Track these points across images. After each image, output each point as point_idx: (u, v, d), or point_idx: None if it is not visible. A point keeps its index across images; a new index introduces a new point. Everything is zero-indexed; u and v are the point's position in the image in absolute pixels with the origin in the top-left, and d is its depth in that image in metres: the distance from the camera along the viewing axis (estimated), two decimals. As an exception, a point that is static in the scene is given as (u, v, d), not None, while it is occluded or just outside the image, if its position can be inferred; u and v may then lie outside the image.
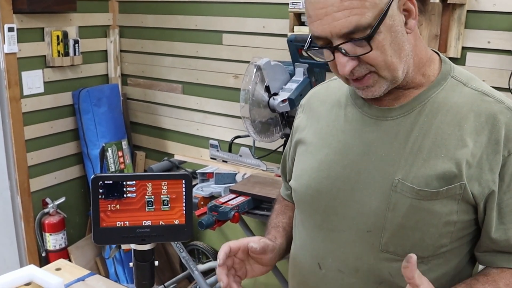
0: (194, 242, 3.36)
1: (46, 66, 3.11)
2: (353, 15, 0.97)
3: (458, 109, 1.08)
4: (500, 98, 1.09)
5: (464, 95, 1.09)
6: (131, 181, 1.10)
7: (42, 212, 3.16)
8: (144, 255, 1.16)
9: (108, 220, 1.10)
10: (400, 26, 1.02)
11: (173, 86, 3.35)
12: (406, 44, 1.04)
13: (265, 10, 2.83)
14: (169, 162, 3.01)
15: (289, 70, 2.54)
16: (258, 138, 2.53)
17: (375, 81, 1.05)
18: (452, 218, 1.06)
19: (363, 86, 1.07)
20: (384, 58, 1.01)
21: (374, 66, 1.03)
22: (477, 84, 1.12)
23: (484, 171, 1.04)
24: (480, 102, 1.08)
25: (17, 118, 2.97)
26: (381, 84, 1.06)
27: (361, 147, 1.13)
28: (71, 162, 3.39)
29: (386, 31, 1.00)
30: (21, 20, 2.91)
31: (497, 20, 2.22)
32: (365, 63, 1.03)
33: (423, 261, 1.09)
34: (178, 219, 1.12)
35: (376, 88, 1.06)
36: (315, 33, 1.02)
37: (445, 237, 1.07)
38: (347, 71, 1.02)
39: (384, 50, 1.01)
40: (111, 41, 3.48)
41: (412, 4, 1.03)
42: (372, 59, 1.01)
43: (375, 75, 1.05)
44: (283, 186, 1.50)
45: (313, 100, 1.31)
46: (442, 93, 1.10)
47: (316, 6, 0.99)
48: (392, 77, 1.05)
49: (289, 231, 1.34)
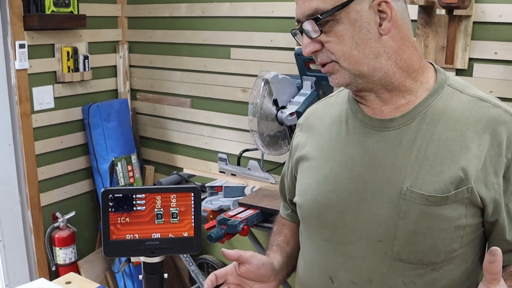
0: (203, 255, 3.35)
1: (56, 82, 3.14)
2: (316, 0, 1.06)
3: (458, 115, 1.10)
4: (496, 103, 1.12)
5: (462, 102, 1.12)
6: (141, 194, 1.10)
7: (52, 226, 3.17)
8: (154, 267, 1.16)
9: (118, 233, 1.11)
10: (368, 23, 1.07)
11: (181, 100, 3.37)
12: (374, 43, 1.08)
13: (272, 24, 2.85)
14: (178, 176, 3.02)
15: (297, 84, 2.55)
16: (266, 151, 2.54)
17: (336, 69, 1.11)
18: (461, 222, 1.07)
19: (327, 73, 1.14)
20: (343, 48, 1.08)
21: (334, 55, 1.09)
22: (472, 91, 1.15)
23: (489, 174, 1.06)
24: (478, 107, 1.11)
25: (28, 133, 3.00)
26: (342, 74, 1.11)
27: (366, 159, 1.14)
28: (81, 177, 3.41)
29: (349, 24, 1.06)
30: (32, 37, 2.95)
31: (504, 31, 2.22)
32: (327, 50, 1.09)
33: (435, 267, 1.10)
34: (187, 232, 1.13)
35: (338, 77, 1.12)
36: (296, 16, 1.12)
37: (456, 242, 1.08)
38: (307, 52, 1.11)
39: (343, 40, 1.07)
40: (120, 57, 3.51)
41: (388, 7, 1.07)
42: (331, 47, 1.09)
43: (336, 64, 1.11)
44: (282, 206, 1.51)
45: (311, 118, 1.33)
46: (441, 101, 1.12)
47: None
48: (354, 70, 1.10)
49: (284, 247, 1.35)
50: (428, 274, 1.10)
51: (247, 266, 1.21)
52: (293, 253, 1.36)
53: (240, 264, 1.21)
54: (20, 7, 2.85)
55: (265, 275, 1.22)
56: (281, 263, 1.29)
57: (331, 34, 1.08)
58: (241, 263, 1.21)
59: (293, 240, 1.39)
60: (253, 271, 1.20)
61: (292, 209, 1.45)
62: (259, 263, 1.22)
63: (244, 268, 1.20)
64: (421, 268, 1.10)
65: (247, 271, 1.20)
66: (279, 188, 1.51)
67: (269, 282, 1.24)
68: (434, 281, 1.11)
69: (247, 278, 1.21)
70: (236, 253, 1.20)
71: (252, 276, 1.21)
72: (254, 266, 1.21)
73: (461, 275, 1.13)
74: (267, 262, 1.24)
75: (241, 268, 1.21)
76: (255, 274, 1.21)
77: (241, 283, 1.21)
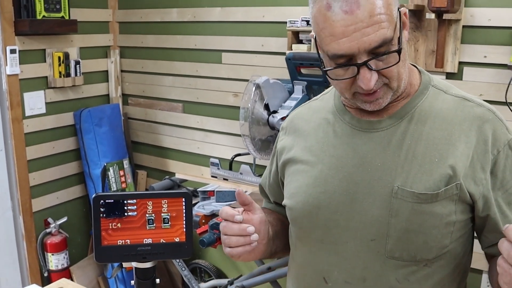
0: (196, 260, 3.35)
1: (47, 87, 3.14)
2: (381, 29, 0.99)
3: (444, 115, 1.13)
4: (479, 102, 1.15)
5: (447, 102, 1.15)
6: (132, 199, 1.10)
7: (44, 232, 3.16)
8: (145, 273, 1.16)
9: (110, 238, 1.11)
10: (404, 36, 1.07)
11: (173, 105, 3.38)
12: (407, 54, 1.10)
13: (263, 29, 2.86)
14: (170, 181, 3.02)
15: (288, 88, 2.56)
16: (258, 156, 2.55)
17: (384, 93, 1.08)
18: (451, 218, 1.09)
19: (374, 99, 1.09)
20: (398, 70, 1.06)
21: (388, 78, 1.06)
22: (456, 91, 1.17)
23: (477, 170, 1.09)
24: (463, 107, 1.14)
25: (19, 139, 2.99)
26: (388, 95, 1.09)
27: (356, 160, 1.15)
28: (73, 182, 3.41)
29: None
30: (23, 42, 2.95)
31: (493, 35, 2.24)
32: (382, 76, 1.05)
33: (427, 264, 1.12)
34: (179, 237, 1.13)
35: (384, 100, 1.10)
36: (340, 51, 1.01)
37: (446, 238, 1.10)
38: (372, 85, 1.03)
39: (400, 61, 1.04)
40: (111, 62, 3.51)
41: (406, 17, 1.08)
42: (391, 71, 1.04)
43: (385, 87, 1.08)
44: (265, 201, 1.50)
45: (296, 121, 1.32)
46: (427, 101, 1.15)
47: (343, 23, 0.99)
48: (398, 87, 1.09)
49: (274, 224, 1.31)
50: (421, 271, 1.12)
51: (251, 215, 1.18)
52: (279, 234, 1.33)
53: (245, 211, 1.18)
54: (10, 12, 2.84)
55: (262, 231, 1.20)
56: (271, 234, 1.26)
57: (391, 59, 1.03)
58: (249, 210, 1.18)
59: (281, 224, 1.36)
60: (255, 223, 1.17)
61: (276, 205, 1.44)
62: (262, 218, 1.20)
63: (247, 217, 1.17)
64: (413, 265, 1.12)
65: (250, 219, 1.17)
66: (260, 190, 1.50)
67: (260, 241, 1.20)
68: (427, 277, 1.13)
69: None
70: (249, 199, 1.17)
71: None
72: (257, 219, 1.18)
73: (452, 270, 1.15)
74: (266, 222, 1.23)
75: (245, 214, 1.17)
76: (255, 226, 1.17)
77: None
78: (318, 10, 1.02)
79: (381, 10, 0.99)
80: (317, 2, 1.03)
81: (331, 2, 1.00)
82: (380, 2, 0.99)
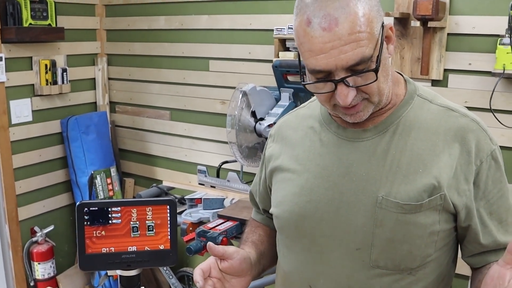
0: (183, 268, 3.34)
1: (34, 95, 3.13)
2: (359, 47, 0.99)
3: (428, 125, 1.13)
4: (464, 112, 1.15)
5: (432, 112, 1.15)
6: (116, 207, 1.10)
7: (31, 241, 3.14)
8: (130, 281, 1.16)
9: (94, 246, 1.10)
10: (386, 53, 1.07)
11: (161, 112, 3.37)
12: (390, 69, 1.09)
13: (250, 37, 2.87)
14: (157, 189, 3.01)
15: (275, 95, 2.57)
16: (245, 163, 2.55)
17: (364, 106, 1.09)
18: (435, 228, 1.10)
19: (354, 112, 1.09)
20: (379, 85, 1.05)
21: (368, 94, 1.06)
22: (441, 101, 1.17)
23: (460, 181, 1.09)
24: (447, 117, 1.14)
25: (5, 147, 2.97)
26: (369, 109, 1.09)
27: (341, 169, 1.16)
28: (59, 190, 3.39)
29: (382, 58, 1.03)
30: (9, 50, 2.94)
31: (477, 42, 2.27)
32: (362, 91, 1.05)
33: (412, 272, 1.12)
34: (163, 244, 1.13)
35: (365, 113, 1.10)
36: (317, 67, 1.02)
37: (430, 247, 1.11)
38: (349, 101, 1.04)
39: (379, 78, 1.04)
40: (99, 69, 3.50)
41: (391, 31, 1.08)
42: (370, 87, 1.04)
43: (365, 101, 1.08)
44: (254, 211, 1.51)
45: (284, 129, 1.32)
46: (412, 111, 1.15)
47: (320, 40, 0.99)
48: (379, 101, 1.09)
49: (258, 245, 1.35)
50: (405, 279, 1.12)
51: (230, 261, 1.20)
52: (266, 253, 1.36)
53: (222, 260, 1.21)
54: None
55: (245, 269, 1.23)
56: (255, 259, 1.29)
57: (369, 76, 1.03)
58: (225, 259, 1.21)
59: (267, 241, 1.39)
60: (235, 266, 1.20)
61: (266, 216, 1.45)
62: (241, 258, 1.22)
63: (227, 264, 1.20)
64: (398, 273, 1.12)
65: (229, 266, 1.20)
66: (249, 198, 1.52)
67: (246, 276, 1.24)
68: (411, 285, 1.13)
69: (227, 273, 1.21)
70: (222, 249, 1.19)
71: (233, 271, 1.21)
72: (237, 261, 1.21)
73: (436, 278, 1.16)
74: (247, 256, 1.25)
75: (223, 263, 1.20)
76: (237, 269, 1.21)
77: (221, 278, 1.21)
78: (299, 24, 1.02)
79: (361, 28, 0.98)
80: (299, 16, 1.03)
81: (311, 17, 1.00)
82: (360, 20, 0.98)
